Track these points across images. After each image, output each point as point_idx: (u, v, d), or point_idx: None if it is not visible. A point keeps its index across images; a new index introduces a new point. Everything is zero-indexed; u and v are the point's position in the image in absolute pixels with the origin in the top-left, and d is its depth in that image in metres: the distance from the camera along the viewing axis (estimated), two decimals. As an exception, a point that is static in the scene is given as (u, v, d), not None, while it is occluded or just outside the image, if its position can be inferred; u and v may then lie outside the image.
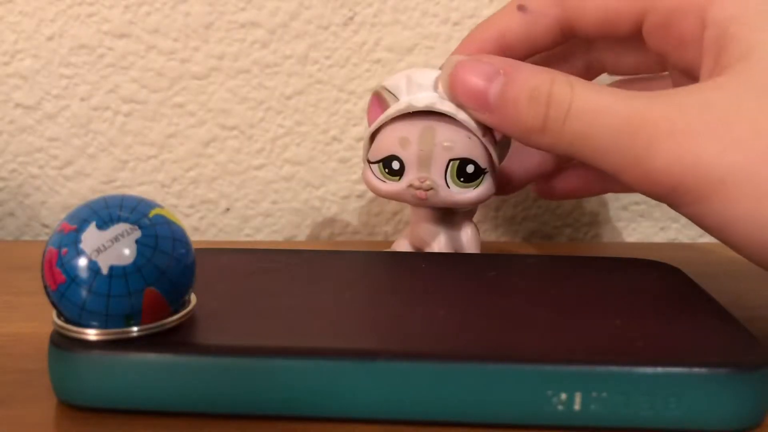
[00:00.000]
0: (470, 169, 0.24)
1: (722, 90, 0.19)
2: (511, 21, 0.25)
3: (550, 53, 0.27)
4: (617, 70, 0.27)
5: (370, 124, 0.25)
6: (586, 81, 0.21)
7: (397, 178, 0.24)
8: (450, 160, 0.24)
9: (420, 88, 0.24)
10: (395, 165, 0.24)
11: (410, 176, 0.24)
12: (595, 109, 0.20)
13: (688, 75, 0.23)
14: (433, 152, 0.24)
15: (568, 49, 0.27)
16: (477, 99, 0.22)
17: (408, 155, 0.24)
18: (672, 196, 0.20)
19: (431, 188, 0.24)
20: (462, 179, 0.24)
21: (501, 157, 0.26)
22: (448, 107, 0.23)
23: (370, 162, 0.25)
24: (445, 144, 0.24)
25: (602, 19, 0.23)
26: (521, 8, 0.24)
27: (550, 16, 0.24)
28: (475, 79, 0.22)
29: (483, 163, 0.24)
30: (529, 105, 0.21)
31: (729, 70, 0.20)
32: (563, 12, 0.24)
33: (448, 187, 0.24)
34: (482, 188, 0.24)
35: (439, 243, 0.25)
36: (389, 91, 0.25)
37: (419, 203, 0.25)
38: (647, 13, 0.23)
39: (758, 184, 0.18)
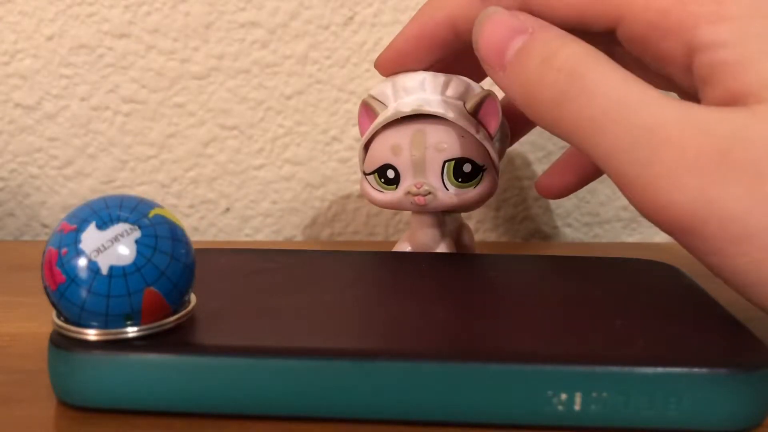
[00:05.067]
0: (467, 168, 0.24)
1: (758, 120, 0.17)
2: (466, 7, 0.22)
3: None
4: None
5: (362, 136, 0.25)
6: (617, 64, 0.18)
7: (394, 186, 0.24)
8: (445, 162, 0.23)
9: (406, 91, 0.24)
10: (390, 174, 0.24)
11: (407, 183, 0.24)
12: (617, 99, 0.17)
13: (669, 82, 0.21)
14: (426, 156, 0.23)
15: None
16: (496, 53, 0.20)
17: (401, 162, 0.24)
18: (681, 235, 0.17)
19: (429, 193, 0.24)
20: (460, 179, 0.24)
21: (501, 152, 0.25)
22: (436, 108, 0.23)
23: (365, 174, 0.25)
24: (438, 146, 0.23)
25: (570, 22, 0.21)
26: None
27: (510, 8, 0.21)
28: (499, 32, 0.20)
29: (480, 160, 0.24)
30: (539, 65, 0.19)
31: (755, 97, 0.17)
32: (525, 8, 0.21)
33: (447, 189, 0.24)
34: (483, 186, 0.24)
35: (442, 247, 0.25)
36: (377, 99, 0.24)
37: (420, 209, 0.24)
38: (619, 24, 0.20)
39: None
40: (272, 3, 0.33)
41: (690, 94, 0.20)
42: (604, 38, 0.22)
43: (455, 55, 0.24)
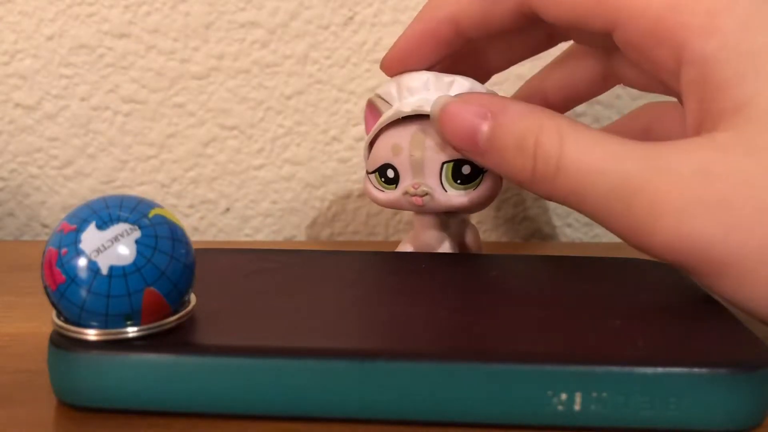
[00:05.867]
0: (466, 170, 0.23)
1: (721, 154, 0.18)
2: (467, 4, 0.23)
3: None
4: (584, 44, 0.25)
5: (367, 134, 0.25)
6: (578, 126, 0.20)
7: (393, 186, 0.24)
8: (443, 163, 0.23)
9: (410, 91, 0.24)
10: (390, 173, 0.24)
11: (405, 183, 0.24)
12: (585, 169, 0.19)
13: (665, 87, 0.22)
14: (425, 156, 0.23)
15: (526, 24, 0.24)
16: (468, 143, 0.21)
17: (401, 162, 0.24)
18: (678, 267, 0.19)
19: (426, 193, 0.24)
20: (459, 181, 0.24)
21: None
22: None
23: (368, 172, 0.25)
24: (437, 147, 0.23)
25: (569, 21, 0.21)
26: None
27: (511, 6, 0.22)
28: (464, 123, 0.21)
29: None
30: (515, 154, 0.20)
31: (724, 124, 0.18)
32: (525, 9, 0.22)
33: (445, 191, 0.24)
34: (482, 188, 0.24)
35: (445, 248, 0.25)
36: (382, 99, 0.24)
37: (417, 210, 0.25)
38: (616, 29, 0.20)
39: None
40: (272, 3, 0.33)
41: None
42: (603, 41, 0.22)
43: (459, 53, 0.24)
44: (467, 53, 0.25)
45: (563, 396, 0.17)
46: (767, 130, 0.18)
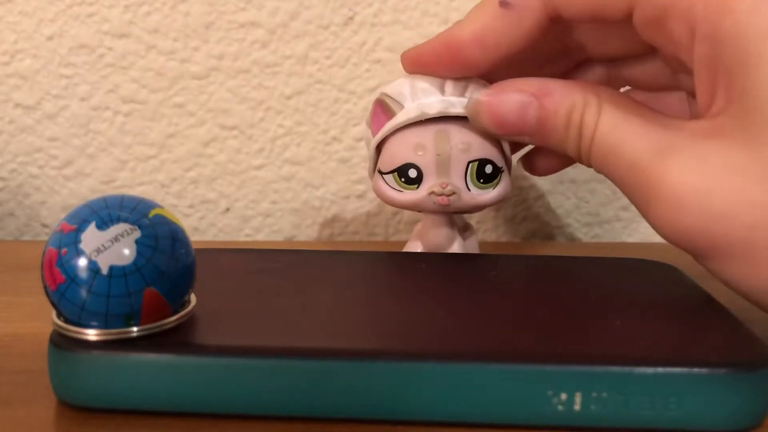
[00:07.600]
0: (489, 169, 0.24)
1: (719, 143, 0.19)
2: (493, 19, 0.22)
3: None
4: (602, 55, 0.25)
5: (374, 134, 0.25)
6: (618, 101, 0.21)
7: (415, 186, 0.24)
8: (469, 162, 0.24)
9: (425, 93, 0.24)
10: (412, 173, 0.24)
11: (430, 183, 0.24)
12: (611, 144, 0.20)
13: (681, 70, 0.22)
14: (451, 156, 0.23)
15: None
16: (514, 129, 0.22)
17: (425, 162, 0.24)
18: (679, 247, 0.20)
19: (453, 193, 0.24)
20: (482, 180, 0.24)
21: (511, 152, 0.25)
22: (460, 109, 0.23)
23: (382, 173, 0.24)
24: (462, 146, 0.23)
25: (590, 9, 0.22)
26: (504, 4, 0.22)
27: (536, 9, 0.22)
28: (507, 112, 0.22)
29: (499, 161, 0.24)
30: (566, 130, 0.21)
31: (727, 110, 0.19)
32: (549, 2, 0.22)
33: (469, 190, 0.24)
34: (501, 187, 0.24)
35: (455, 247, 0.25)
36: (392, 98, 0.24)
37: (441, 209, 0.24)
38: (635, 7, 0.21)
39: (753, 252, 0.18)
40: (272, 3, 0.33)
41: None
42: (622, 29, 0.22)
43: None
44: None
45: (563, 396, 0.17)
46: (763, 122, 0.18)
